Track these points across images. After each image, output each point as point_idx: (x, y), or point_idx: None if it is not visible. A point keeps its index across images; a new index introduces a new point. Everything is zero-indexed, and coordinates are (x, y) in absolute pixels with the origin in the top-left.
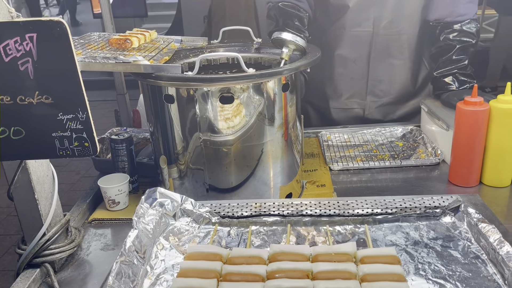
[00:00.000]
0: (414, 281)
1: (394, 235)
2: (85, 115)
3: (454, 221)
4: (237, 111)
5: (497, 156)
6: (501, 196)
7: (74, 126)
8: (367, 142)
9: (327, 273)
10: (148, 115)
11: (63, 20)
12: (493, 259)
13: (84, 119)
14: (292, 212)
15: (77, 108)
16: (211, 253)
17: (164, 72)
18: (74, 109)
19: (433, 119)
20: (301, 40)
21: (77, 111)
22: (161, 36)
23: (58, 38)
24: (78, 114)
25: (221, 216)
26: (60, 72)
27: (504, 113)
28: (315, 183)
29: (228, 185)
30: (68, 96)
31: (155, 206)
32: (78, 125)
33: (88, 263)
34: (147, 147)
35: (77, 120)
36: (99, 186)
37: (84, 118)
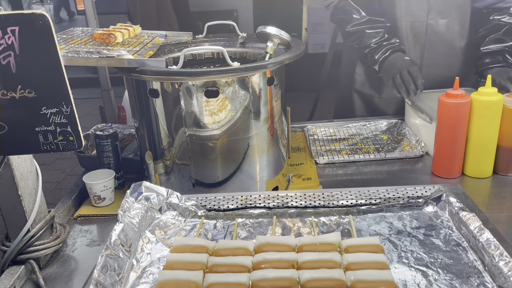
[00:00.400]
0: (397, 268)
1: (378, 225)
2: (69, 108)
3: (436, 210)
4: (223, 105)
5: (478, 148)
6: (483, 186)
7: (58, 120)
8: (353, 136)
9: (312, 262)
10: (133, 110)
11: (46, 13)
12: (474, 246)
13: (68, 112)
14: (277, 204)
15: (61, 102)
16: (197, 245)
17: (149, 66)
18: (58, 103)
19: (416, 112)
20: (286, 34)
21: (61, 105)
22: (145, 31)
23: (40, 31)
24: (62, 108)
25: (207, 209)
26: (43, 66)
27: (484, 105)
28: (301, 177)
29: (214, 179)
30: (51, 90)
31: (141, 200)
32: (62, 119)
33: (73, 259)
34: (132, 143)
35: (61, 114)
36: (84, 182)
37: (69, 111)
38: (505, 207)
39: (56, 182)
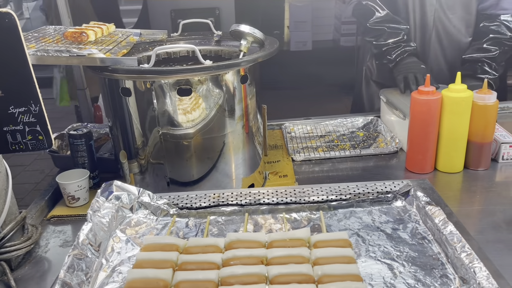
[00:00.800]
0: (364, 262)
1: (347, 220)
2: (38, 107)
3: (404, 205)
4: (196, 104)
5: (449, 143)
6: (454, 181)
7: (26, 120)
8: (329, 133)
9: (281, 258)
10: (107, 109)
11: (12, 11)
12: (438, 239)
13: (37, 111)
14: (250, 201)
15: (29, 101)
16: (168, 244)
17: (120, 65)
18: (26, 102)
19: (391, 109)
20: (259, 32)
21: (29, 104)
22: (119, 29)
23: (6, 29)
24: (31, 107)
25: (179, 207)
26: (10, 64)
27: (455, 102)
28: (278, 174)
29: (189, 178)
30: (19, 89)
31: (111, 199)
32: (31, 118)
33: (46, 260)
34: (108, 142)
35: (30, 113)
36: (58, 182)
37: (37, 110)
38: (475, 201)
39: (35, 183)
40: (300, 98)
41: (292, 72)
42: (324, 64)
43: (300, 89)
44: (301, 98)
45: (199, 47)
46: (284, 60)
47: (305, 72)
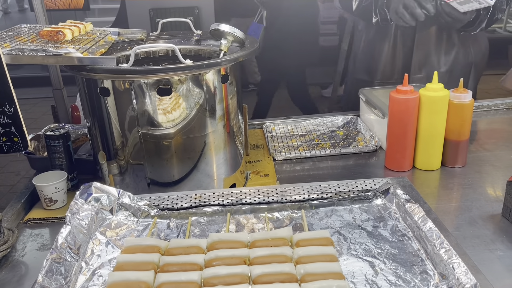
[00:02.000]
0: (346, 260)
1: (329, 218)
2: (12, 108)
3: (384, 202)
4: (176, 103)
5: (427, 141)
6: (432, 178)
7: (1, 121)
8: (310, 132)
9: (263, 258)
10: (85, 109)
11: None
12: (418, 236)
13: (12, 113)
14: (232, 201)
15: (3, 102)
16: (149, 245)
17: (98, 64)
18: (0, 103)
19: (370, 108)
20: (239, 32)
21: (3, 105)
22: (97, 28)
23: None
24: (5, 108)
25: (160, 208)
26: None
27: (432, 100)
28: (259, 173)
29: (170, 178)
30: None
31: (91, 201)
32: (5, 120)
33: (23, 264)
34: (87, 143)
35: (4, 114)
36: (35, 184)
37: (12, 111)
38: (452, 198)
39: (10, 186)
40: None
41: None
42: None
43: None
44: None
45: (178, 46)
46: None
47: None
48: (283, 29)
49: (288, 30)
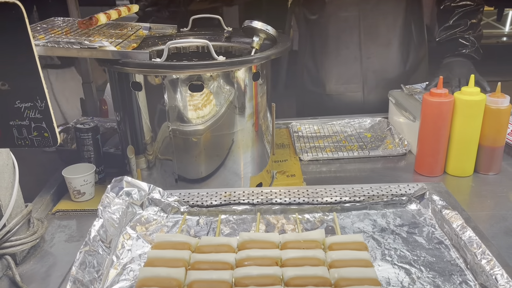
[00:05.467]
0: (380, 266)
1: (361, 222)
2: (44, 104)
3: (419, 208)
4: (207, 100)
5: (460, 147)
6: (464, 185)
7: (32, 115)
8: (336, 133)
9: (295, 260)
10: (115, 103)
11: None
12: (456, 244)
13: (43, 108)
14: (261, 201)
15: (35, 96)
16: (179, 242)
17: (132, 58)
18: (32, 97)
19: (400, 110)
20: (272, 29)
21: (35, 100)
22: (129, 23)
23: (13, 21)
24: (37, 103)
25: (190, 205)
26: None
27: (467, 105)
28: (285, 173)
29: (197, 175)
30: (25, 83)
31: (122, 195)
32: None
33: (51, 255)
34: (114, 137)
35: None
36: (64, 176)
37: (43, 107)
38: (485, 206)
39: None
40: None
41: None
42: None
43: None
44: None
45: (210, 42)
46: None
47: None
48: None
49: None
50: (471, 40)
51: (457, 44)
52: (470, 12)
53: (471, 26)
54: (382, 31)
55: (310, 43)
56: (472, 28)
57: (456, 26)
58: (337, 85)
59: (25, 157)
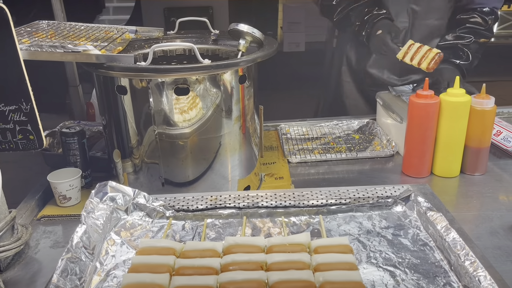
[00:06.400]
0: (365, 269)
1: (347, 225)
2: (29, 106)
3: (405, 210)
4: (193, 103)
5: (446, 148)
6: (451, 186)
7: (17, 118)
8: (325, 135)
9: (281, 264)
10: (101, 107)
11: (3, 5)
12: (440, 246)
13: (28, 110)
14: (248, 204)
15: (20, 99)
16: (164, 247)
17: (116, 62)
18: (17, 100)
19: (387, 112)
20: (258, 32)
21: (20, 102)
22: (114, 26)
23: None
24: (22, 105)
25: (175, 209)
26: (1, 60)
27: (453, 106)
28: (274, 176)
29: (184, 179)
30: (10, 86)
31: (106, 200)
32: (21, 117)
33: (36, 262)
34: (101, 141)
35: (21, 112)
36: (49, 181)
37: (28, 109)
38: (471, 206)
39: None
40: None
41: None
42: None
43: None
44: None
45: (196, 45)
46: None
47: (298, 73)
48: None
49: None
50: (467, 54)
51: (453, 53)
52: (478, 32)
53: (473, 44)
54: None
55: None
56: (472, 47)
57: (460, 37)
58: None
59: (9, 162)
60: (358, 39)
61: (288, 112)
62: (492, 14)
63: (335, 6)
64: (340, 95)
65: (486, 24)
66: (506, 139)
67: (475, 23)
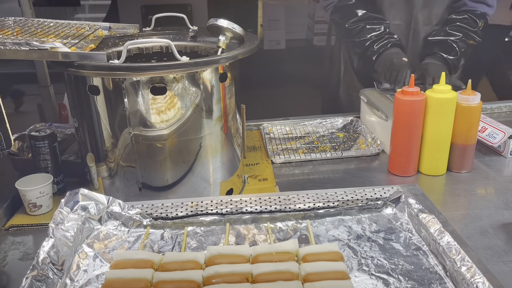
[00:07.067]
0: (357, 277)
1: (336, 229)
2: None
3: (395, 212)
4: (171, 103)
5: (433, 145)
6: (438, 184)
7: None
8: (309, 134)
9: (267, 274)
10: (72, 108)
11: None
12: (434, 250)
13: None
14: (231, 210)
15: None
16: (141, 259)
17: (88, 60)
18: None
19: (372, 109)
20: (239, 28)
21: None
22: (86, 22)
23: None
24: None
25: (153, 217)
26: None
27: (439, 103)
28: (257, 177)
29: (163, 183)
30: None
31: (77, 210)
32: None
33: (4, 275)
34: (74, 144)
35: None
36: (17, 188)
37: None
38: (459, 205)
39: None
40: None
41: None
42: (297, 63)
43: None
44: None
45: (174, 42)
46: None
47: (279, 71)
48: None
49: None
50: (455, 50)
51: (442, 47)
52: (467, 33)
53: (462, 42)
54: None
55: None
56: (461, 45)
57: (450, 34)
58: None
59: None
60: (357, 42)
61: (270, 110)
62: (483, 18)
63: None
64: (338, 92)
65: (476, 26)
66: (491, 135)
67: (465, 23)
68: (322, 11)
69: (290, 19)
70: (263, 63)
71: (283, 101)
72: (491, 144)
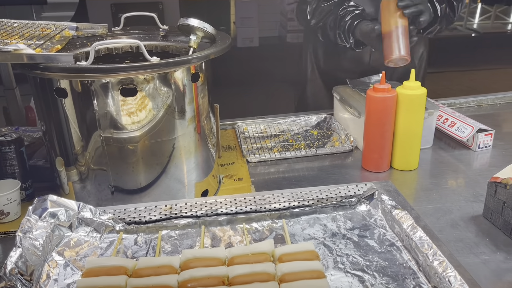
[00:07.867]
0: (333, 275)
1: (312, 228)
2: None
3: (369, 209)
4: (142, 105)
5: (405, 141)
6: (410, 179)
7: None
8: (283, 132)
9: (243, 276)
10: (39, 112)
11: None
12: (407, 245)
13: None
14: (206, 212)
15: None
16: (114, 266)
17: (54, 62)
18: None
19: (345, 106)
20: (210, 27)
21: None
22: (52, 22)
23: None
24: None
25: (126, 222)
26: None
27: (409, 99)
28: (233, 177)
29: (136, 185)
30: None
31: (46, 217)
32: None
33: None
34: (43, 148)
35: None
36: None
37: None
38: (431, 199)
39: None
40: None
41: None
42: (271, 60)
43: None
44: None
45: (144, 42)
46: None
47: (252, 69)
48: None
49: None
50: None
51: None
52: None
53: (444, 9)
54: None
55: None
56: (442, 8)
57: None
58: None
59: None
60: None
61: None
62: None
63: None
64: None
65: (459, 1)
66: (460, 129)
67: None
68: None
69: (263, 16)
70: (236, 61)
71: (257, 100)
72: (460, 138)
